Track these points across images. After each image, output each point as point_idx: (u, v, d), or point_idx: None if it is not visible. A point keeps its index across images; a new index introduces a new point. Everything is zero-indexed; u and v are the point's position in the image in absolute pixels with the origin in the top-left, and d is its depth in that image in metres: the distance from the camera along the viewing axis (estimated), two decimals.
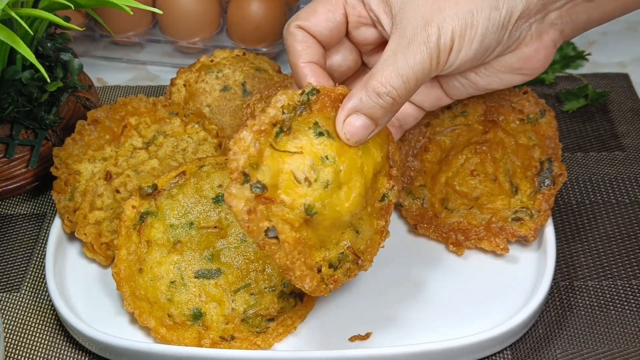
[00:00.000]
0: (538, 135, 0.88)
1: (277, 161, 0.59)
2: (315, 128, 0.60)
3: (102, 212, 0.84)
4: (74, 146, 0.87)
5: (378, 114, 0.61)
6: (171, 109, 0.90)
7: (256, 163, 0.58)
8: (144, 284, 0.77)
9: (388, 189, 0.67)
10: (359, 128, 0.61)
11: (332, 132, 0.60)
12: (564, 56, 1.13)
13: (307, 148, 0.60)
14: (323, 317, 0.80)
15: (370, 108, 0.61)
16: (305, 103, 0.59)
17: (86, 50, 1.17)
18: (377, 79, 0.61)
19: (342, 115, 0.61)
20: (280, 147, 0.59)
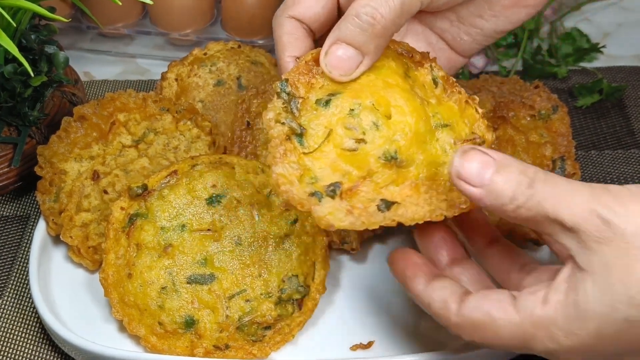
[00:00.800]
0: (550, 132, 0.88)
1: (323, 157, 0.58)
2: (318, 104, 0.59)
3: (89, 214, 0.84)
4: (59, 144, 0.87)
5: (360, 39, 0.58)
6: (162, 105, 0.90)
7: (309, 177, 0.57)
8: (134, 289, 0.76)
9: (429, 69, 0.65)
10: (342, 58, 0.58)
11: (334, 91, 0.59)
12: (577, 49, 1.13)
13: (330, 123, 0.59)
14: (323, 325, 0.80)
15: (350, 33, 0.58)
16: (290, 97, 0.59)
17: (72, 43, 1.17)
18: (358, 3, 0.58)
19: (324, 48, 0.59)
20: (312, 148, 0.58)
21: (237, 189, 0.81)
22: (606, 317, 0.51)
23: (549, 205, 0.52)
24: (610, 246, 0.49)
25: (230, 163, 0.82)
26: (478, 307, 0.56)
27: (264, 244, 0.79)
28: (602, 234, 0.50)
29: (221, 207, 0.80)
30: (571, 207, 0.51)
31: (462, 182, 0.54)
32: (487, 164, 0.54)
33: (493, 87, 0.93)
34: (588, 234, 0.50)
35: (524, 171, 0.53)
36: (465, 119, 0.65)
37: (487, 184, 0.53)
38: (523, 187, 0.52)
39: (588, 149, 0.99)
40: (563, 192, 0.52)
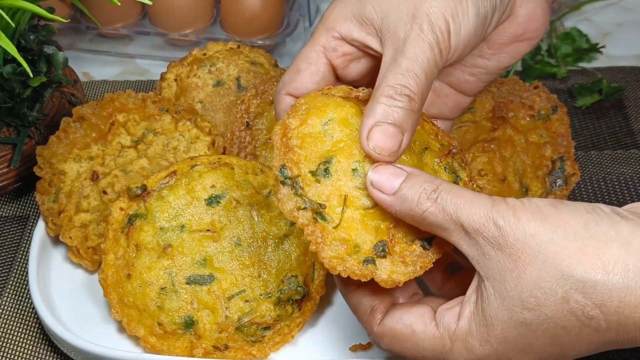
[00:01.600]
0: (549, 132, 0.88)
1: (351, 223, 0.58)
2: (316, 175, 0.59)
3: (89, 215, 0.84)
4: (58, 144, 0.87)
5: (399, 118, 0.59)
6: (161, 105, 0.90)
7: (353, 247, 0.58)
8: (133, 290, 0.77)
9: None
10: (385, 137, 0.59)
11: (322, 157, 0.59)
12: (577, 49, 1.13)
13: (340, 188, 0.59)
14: (322, 326, 0.80)
15: (388, 114, 0.59)
16: (292, 180, 0.59)
17: (71, 43, 1.17)
18: (385, 84, 0.60)
19: (364, 133, 0.59)
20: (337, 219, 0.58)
21: (236, 190, 0.81)
22: (507, 321, 0.54)
23: (452, 210, 0.55)
24: (503, 252, 0.53)
25: (230, 163, 0.83)
26: (400, 318, 0.60)
27: (263, 245, 0.79)
28: (496, 240, 0.53)
29: (220, 208, 0.80)
30: (471, 213, 0.54)
31: (375, 190, 0.58)
32: (398, 174, 0.58)
33: (492, 87, 0.93)
34: (484, 239, 0.54)
35: (430, 180, 0.57)
36: (430, 135, 0.66)
37: (396, 191, 0.57)
38: (427, 193, 0.56)
39: (587, 149, 0.99)
40: (466, 199, 0.55)
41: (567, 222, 0.53)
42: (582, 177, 0.95)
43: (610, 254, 0.51)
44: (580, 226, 0.52)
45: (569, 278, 0.51)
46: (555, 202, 0.54)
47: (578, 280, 0.51)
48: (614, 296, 0.50)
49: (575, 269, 0.51)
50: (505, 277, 0.53)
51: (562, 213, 0.53)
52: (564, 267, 0.51)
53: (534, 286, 0.52)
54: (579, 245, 0.52)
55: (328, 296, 0.81)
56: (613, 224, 0.52)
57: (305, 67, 0.67)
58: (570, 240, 0.52)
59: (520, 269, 0.52)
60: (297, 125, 0.61)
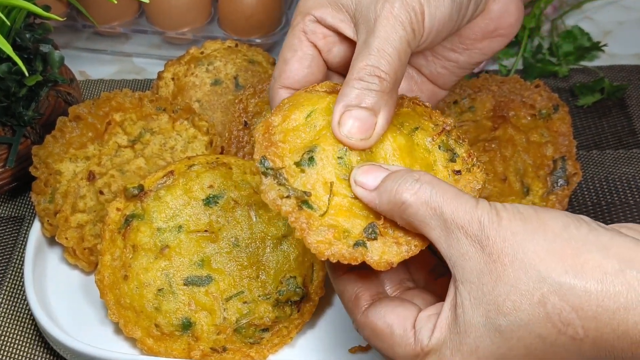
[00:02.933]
0: (551, 131, 0.88)
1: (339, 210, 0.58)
2: (301, 165, 0.59)
3: (85, 215, 0.84)
4: (54, 144, 0.87)
5: (370, 101, 0.58)
6: (158, 105, 0.90)
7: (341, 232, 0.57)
8: (130, 291, 0.76)
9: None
10: (357, 122, 0.58)
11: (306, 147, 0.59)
12: (578, 47, 1.13)
13: (325, 177, 0.59)
14: (321, 327, 0.80)
15: (358, 97, 0.58)
16: (274, 171, 0.59)
17: (68, 42, 1.17)
18: (355, 67, 0.59)
19: (336, 118, 0.59)
20: (324, 207, 0.58)
21: (234, 190, 0.81)
22: (481, 328, 0.52)
23: (436, 204, 0.54)
24: (484, 251, 0.52)
25: (228, 163, 0.82)
26: (383, 316, 0.59)
27: (261, 245, 0.79)
28: (478, 238, 0.52)
29: (218, 208, 0.80)
30: (456, 209, 0.53)
31: (358, 187, 0.58)
32: (380, 171, 0.58)
33: (493, 86, 0.93)
34: (467, 237, 0.52)
35: (410, 172, 0.56)
36: (422, 117, 0.65)
37: (377, 186, 0.57)
38: (408, 182, 0.55)
39: (589, 148, 0.99)
40: (451, 194, 0.54)
41: (547, 223, 0.52)
42: (583, 177, 0.95)
43: (588, 257, 0.50)
44: (559, 228, 0.51)
45: (546, 279, 0.50)
46: (536, 207, 0.54)
47: (555, 282, 0.50)
48: (591, 300, 0.49)
49: (553, 270, 0.50)
50: (483, 279, 0.52)
51: (543, 216, 0.53)
52: (542, 267, 0.50)
53: (512, 288, 0.51)
54: (558, 246, 0.51)
55: (327, 297, 0.81)
56: (592, 230, 0.51)
57: (291, 55, 0.66)
58: (550, 240, 0.51)
59: (499, 270, 0.51)
60: (279, 122, 0.61)
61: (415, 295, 0.62)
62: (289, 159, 0.60)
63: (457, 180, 0.62)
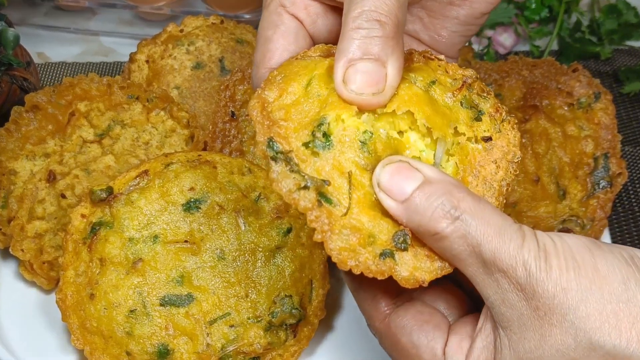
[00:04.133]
0: (591, 124, 0.88)
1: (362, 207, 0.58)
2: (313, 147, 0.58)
3: (44, 223, 0.84)
4: (8, 139, 0.87)
5: (375, 49, 0.58)
6: (130, 92, 0.90)
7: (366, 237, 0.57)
8: (97, 313, 0.76)
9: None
10: (365, 76, 0.58)
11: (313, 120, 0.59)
12: (624, 24, 1.12)
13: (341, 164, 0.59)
14: (321, 356, 0.80)
15: (360, 48, 0.58)
16: (285, 154, 0.58)
17: (23, 18, 1.17)
18: (350, 16, 0.59)
19: (339, 76, 0.58)
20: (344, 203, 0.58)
21: (219, 193, 0.80)
22: None
23: (475, 241, 0.54)
24: (529, 304, 0.53)
25: (212, 162, 0.82)
26: (409, 333, 0.59)
27: (251, 259, 0.78)
28: (524, 287, 0.53)
29: (200, 215, 0.80)
30: (499, 249, 0.53)
31: (382, 193, 0.57)
32: (411, 178, 0.56)
33: (524, 70, 0.92)
34: (510, 283, 0.53)
35: (450, 191, 0.55)
36: (436, 71, 0.65)
37: (407, 198, 0.55)
38: (446, 209, 0.54)
39: (636, 144, 0.99)
40: (495, 230, 0.54)
41: (604, 278, 0.52)
42: (629, 177, 0.94)
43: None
44: (617, 284, 0.52)
45: (598, 349, 0.51)
46: (590, 244, 0.54)
47: (607, 353, 0.51)
48: None
49: (606, 339, 0.51)
50: (527, 334, 0.53)
51: (599, 263, 0.53)
52: (594, 335, 0.51)
53: (557, 352, 0.52)
54: (613, 309, 0.51)
55: (328, 320, 0.81)
56: None
57: (272, 31, 0.66)
58: (606, 302, 0.51)
59: (545, 328, 0.52)
60: (276, 97, 0.60)
61: (437, 296, 0.62)
62: (296, 139, 0.59)
63: (490, 150, 0.62)
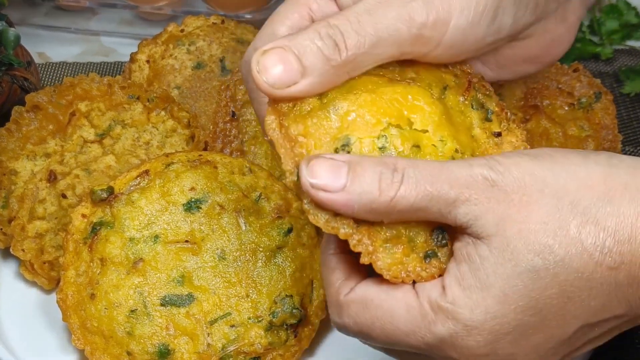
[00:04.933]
0: (592, 124, 0.88)
1: None
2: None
3: (45, 223, 0.84)
4: (9, 139, 0.87)
5: (310, 57, 0.57)
6: (131, 92, 0.90)
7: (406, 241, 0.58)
8: (97, 313, 0.76)
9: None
10: (275, 65, 0.57)
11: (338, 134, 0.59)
12: (625, 24, 1.12)
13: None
14: (322, 355, 0.80)
15: (299, 45, 0.57)
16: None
17: (24, 18, 1.17)
18: (324, 20, 0.58)
19: (267, 46, 0.58)
20: None
21: (220, 193, 0.80)
22: (510, 273, 0.54)
23: (428, 183, 0.55)
24: (500, 203, 0.54)
25: (212, 162, 0.82)
26: (374, 285, 0.58)
27: (252, 259, 0.79)
28: (490, 194, 0.54)
29: (201, 214, 0.80)
30: (452, 177, 0.55)
31: (319, 192, 0.55)
32: (337, 167, 0.55)
33: None
34: (477, 198, 0.54)
35: (380, 161, 0.55)
36: (438, 68, 0.64)
37: (346, 183, 0.55)
38: (387, 176, 0.55)
39: (637, 144, 0.99)
40: (438, 166, 0.55)
41: (562, 158, 0.55)
42: None
43: (617, 180, 0.54)
44: (579, 160, 0.55)
45: (580, 210, 0.54)
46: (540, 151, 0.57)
47: (590, 211, 0.54)
48: (625, 222, 0.54)
49: (585, 199, 0.54)
50: (506, 225, 0.54)
51: (553, 154, 0.56)
52: (573, 198, 0.54)
53: (543, 225, 0.54)
54: (583, 176, 0.54)
55: (329, 320, 0.81)
56: (612, 156, 0.56)
57: (284, 31, 0.64)
58: (573, 172, 0.54)
59: (524, 212, 0.54)
60: (290, 106, 0.59)
61: None
62: (324, 146, 0.58)
63: (500, 146, 0.62)
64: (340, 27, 0.57)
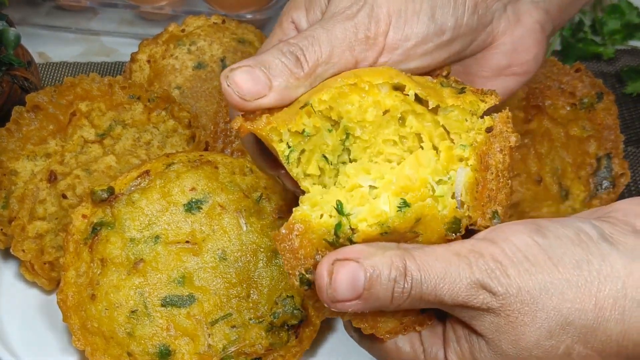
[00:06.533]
0: (594, 124, 0.88)
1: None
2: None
3: (45, 223, 0.84)
4: (9, 139, 0.87)
5: (276, 72, 0.62)
6: (131, 92, 0.90)
7: None
8: (98, 313, 0.76)
9: None
10: (244, 80, 0.61)
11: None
12: (626, 24, 1.12)
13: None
14: (323, 356, 0.80)
15: (266, 61, 0.62)
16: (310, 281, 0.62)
17: (24, 17, 1.17)
18: (288, 39, 0.64)
19: (226, 71, 0.62)
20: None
21: (220, 193, 0.80)
22: None
23: (430, 294, 0.57)
24: (498, 314, 0.57)
25: (213, 162, 0.82)
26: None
27: (253, 259, 0.78)
28: (487, 305, 0.56)
29: (202, 215, 0.80)
30: (452, 288, 0.57)
31: (339, 304, 0.58)
32: (357, 275, 0.58)
33: None
34: (475, 309, 0.57)
35: (392, 264, 0.58)
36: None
37: (362, 294, 0.58)
38: (400, 284, 0.57)
39: (639, 144, 0.99)
40: (440, 270, 0.57)
41: (558, 267, 0.56)
42: (632, 178, 0.94)
43: (605, 294, 0.56)
44: (571, 269, 0.56)
45: (569, 328, 0.56)
46: (536, 234, 0.57)
47: (577, 330, 0.56)
48: (612, 341, 0.56)
49: (574, 319, 0.56)
50: (502, 337, 0.57)
51: (549, 252, 0.56)
52: (564, 319, 0.56)
53: (535, 346, 0.57)
54: (574, 294, 0.56)
55: (330, 321, 0.81)
56: (605, 259, 0.56)
57: (270, 40, 0.70)
58: (565, 289, 0.56)
59: (519, 329, 0.57)
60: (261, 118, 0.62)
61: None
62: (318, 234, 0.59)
63: (494, 139, 0.63)
64: (299, 43, 0.63)
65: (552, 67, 0.92)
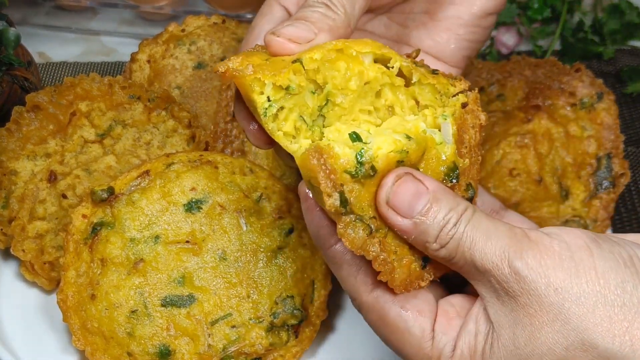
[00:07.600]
0: (594, 124, 0.87)
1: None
2: (355, 175, 0.60)
3: (45, 223, 0.84)
4: (9, 139, 0.87)
5: (314, 17, 0.64)
6: (132, 92, 0.90)
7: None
8: (98, 313, 0.76)
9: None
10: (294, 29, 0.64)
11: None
12: (627, 24, 1.12)
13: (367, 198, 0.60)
14: (323, 356, 0.80)
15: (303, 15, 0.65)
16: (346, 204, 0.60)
17: (24, 17, 1.17)
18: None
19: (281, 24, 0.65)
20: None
21: (220, 193, 0.80)
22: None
23: (466, 247, 0.56)
24: (517, 301, 0.54)
25: (213, 162, 0.82)
26: (398, 307, 0.60)
27: (253, 259, 0.78)
28: (510, 285, 0.54)
29: (202, 215, 0.80)
30: (485, 250, 0.55)
31: (391, 211, 0.58)
32: (420, 195, 0.58)
33: (526, 70, 0.92)
34: (497, 282, 0.55)
35: (454, 208, 0.57)
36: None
37: (416, 217, 0.57)
38: (450, 226, 0.57)
39: (639, 144, 0.99)
40: (482, 233, 0.56)
41: (601, 279, 0.53)
42: (632, 178, 0.94)
43: (620, 320, 0.52)
44: (614, 287, 0.53)
45: (590, 350, 0.52)
46: (591, 242, 0.55)
47: (599, 354, 0.52)
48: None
49: (599, 341, 0.52)
50: (517, 331, 0.54)
51: (597, 263, 0.54)
52: (587, 336, 0.52)
53: (548, 350, 0.53)
54: (607, 313, 0.53)
55: (330, 321, 0.81)
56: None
57: (259, 19, 0.71)
58: (600, 304, 0.53)
59: (536, 326, 0.54)
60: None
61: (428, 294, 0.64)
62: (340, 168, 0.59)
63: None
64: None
65: (552, 67, 0.92)
